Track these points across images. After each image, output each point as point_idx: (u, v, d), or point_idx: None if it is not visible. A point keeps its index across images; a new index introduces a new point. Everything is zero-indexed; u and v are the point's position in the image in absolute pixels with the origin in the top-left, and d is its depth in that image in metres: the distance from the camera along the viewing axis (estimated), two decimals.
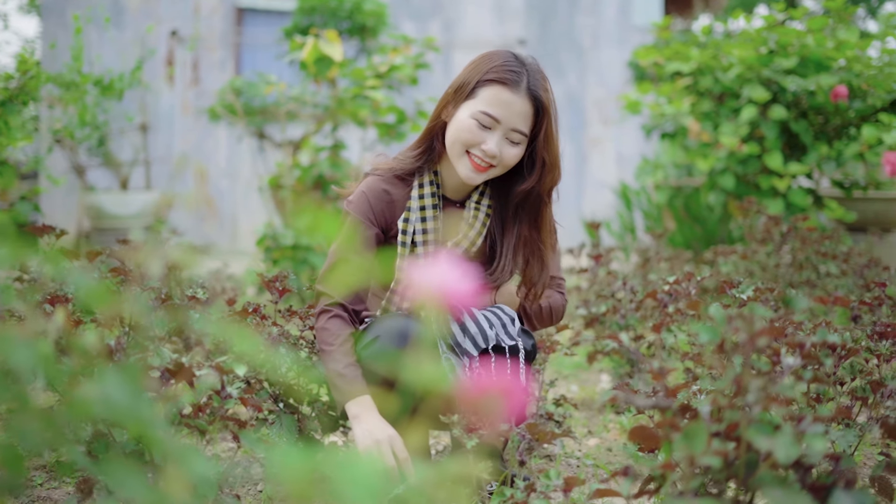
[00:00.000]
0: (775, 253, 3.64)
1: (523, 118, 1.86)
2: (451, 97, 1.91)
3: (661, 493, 1.31)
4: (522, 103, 1.85)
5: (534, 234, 1.98)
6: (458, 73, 1.96)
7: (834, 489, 1.19)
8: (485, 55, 1.91)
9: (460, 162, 1.89)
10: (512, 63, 1.87)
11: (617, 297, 2.81)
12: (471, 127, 1.85)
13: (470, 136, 1.85)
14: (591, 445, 2.44)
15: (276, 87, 4.60)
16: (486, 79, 1.85)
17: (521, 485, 1.61)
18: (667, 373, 1.35)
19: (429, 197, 1.96)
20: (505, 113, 1.84)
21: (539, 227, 1.98)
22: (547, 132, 1.89)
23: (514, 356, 1.91)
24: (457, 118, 1.88)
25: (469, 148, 1.87)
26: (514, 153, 1.88)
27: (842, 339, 1.71)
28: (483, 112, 1.84)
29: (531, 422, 1.72)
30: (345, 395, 1.84)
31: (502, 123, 1.84)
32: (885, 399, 1.71)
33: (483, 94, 1.85)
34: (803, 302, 1.28)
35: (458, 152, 1.88)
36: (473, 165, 1.87)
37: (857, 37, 4.84)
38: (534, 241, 1.98)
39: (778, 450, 1.12)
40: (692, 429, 1.19)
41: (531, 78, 1.87)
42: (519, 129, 1.86)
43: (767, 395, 1.18)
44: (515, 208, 1.98)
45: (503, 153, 1.86)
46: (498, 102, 1.84)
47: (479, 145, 1.85)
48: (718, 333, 1.24)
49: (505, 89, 1.84)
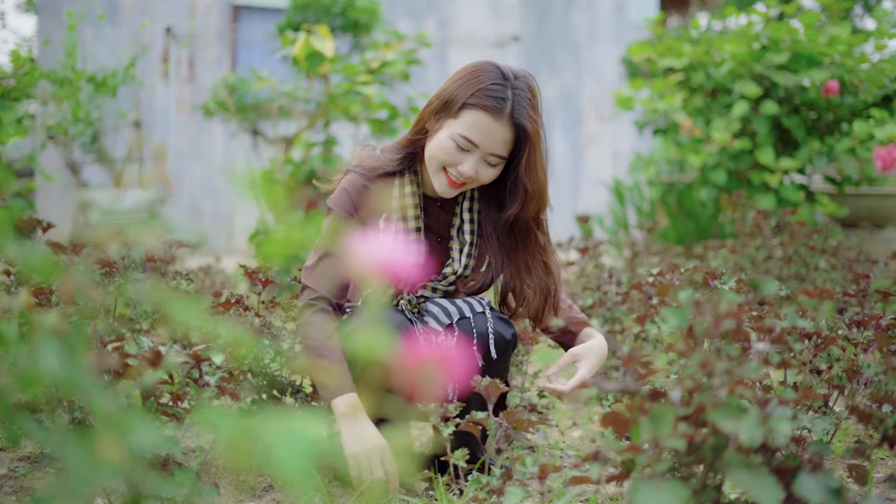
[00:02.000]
0: (764, 247, 3.64)
1: (502, 144, 1.87)
2: (435, 109, 1.91)
3: (631, 477, 1.32)
4: (503, 130, 1.85)
5: (528, 259, 2.01)
6: (449, 78, 1.95)
7: (799, 472, 1.20)
8: (473, 71, 1.89)
9: (436, 177, 1.92)
10: (498, 87, 1.85)
11: (603, 289, 2.82)
12: (449, 148, 1.86)
13: (447, 157, 1.87)
14: (575, 437, 2.44)
15: (268, 82, 4.61)
16: (470, 102, 1.85)
17: (497, 472, 1.61)
18: (637, 358, 1.36)
19: (409, 196, 1.98)
20: (484, 140, 1.85)
21: (531, 252, 2.01)
22: (529, 160, 1.89)
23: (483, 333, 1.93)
24: (437, 136, 1.89)
25: (446, 167, 1.89)
26: (491, 173, 1.91)
27: (816, 326, 1.72)
28: (462, 136, 1.85)
29: (510, 410, 1.73)
30: (331, 391, 1.84)
31: (480, 148, 1.86)
32: (862, 387, 1.72)
33: (465, 117, 1.85)
34: (772, 287, 1.29)
35: (435, 168, 1.91)
36: (449, 182, 1.90)
37: (848, 32, 4.84)
38: (529, 265, 2.00)
39: (742, 432, 1.13)
40: (659, 412, 1.20)
41: (516, 104, 1.86)
42: (497, 154, 1.88)
43: (733, 378, 1.19)
44: (509, 229, 2.01)
45: (479, 174, 1.89)
46: (478, 129, 1.84)
47: (456, 166, 1.87)
48: (686, 317, 1.25)
49: (487, 116, 1.84)
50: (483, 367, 1.92)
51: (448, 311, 1.95)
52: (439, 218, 2.04)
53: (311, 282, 1.94)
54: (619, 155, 9.08)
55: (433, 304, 1.97)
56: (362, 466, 1.76)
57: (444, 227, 2.05)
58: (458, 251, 2.02)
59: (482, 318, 1.95)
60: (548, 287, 2.00)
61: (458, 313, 1.94)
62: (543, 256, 2.02)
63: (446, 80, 1.94)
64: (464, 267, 2.02)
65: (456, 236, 2.03)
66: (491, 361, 1.96)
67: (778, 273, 3.61)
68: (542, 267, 2.01)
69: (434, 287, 2.02)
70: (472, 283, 2.03)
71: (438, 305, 1.96)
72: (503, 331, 1.95)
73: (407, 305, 2.01)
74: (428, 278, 2.01)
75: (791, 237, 3.70)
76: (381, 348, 0.64)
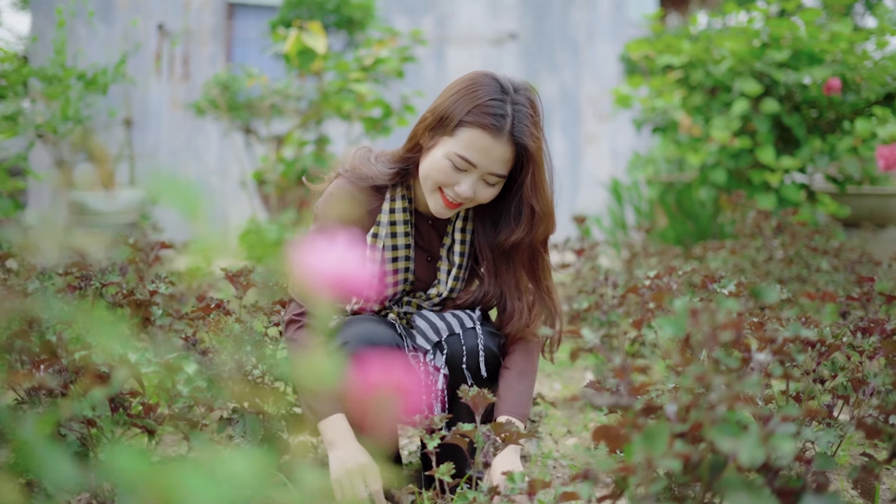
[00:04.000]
0: (765, 248, 3.56)
1: (502, 163, 1.76)
2: (429, 125, 1.79)
3: (624, 497, 1.24)
4: (503, 149, 1.74)
5: (533, 284, 1.90)
6: (443, 91, 1.82)
7: (804, 493, 1.12)
8: (470, 85, 1.76)
9: (431, 197, 1.80)
10: (497, 103, 1.73)
11: (599, 292, 2.73)
12: (445, 168, 1.75)
13: (443, 178, 1.76)
14: (569, 445, 2.36)
15: (258, 79, 4.52)
16: (467, 120, 1.72)
17: (484, 488, 1.53)
18: (630, 369, 1.28)
19: (400, 212, 1.88)
20: (483, 159, 1.74)
21: (537, 277, 1.90)
22: (535, 179, 1.79)
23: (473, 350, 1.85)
24: (432, 155, 1.77)
25: (442, 187, 1.78)
26: (490, 193, 1.80)
27: (820, 334, 1.64)
28: (459, 155, 1.73)
29: (498, 422, 1.64)
30: (318, 414, 1.76)
31: (479, 168, 1.75)
32: (868, 397, 1.64)
33: (462, 136, 1.73)
34: (773, 294, 1.20)
35: (430, 188, 1.80)
36: (445, 202, 1.79)
37: (850, 29, 4.76)
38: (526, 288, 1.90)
39: (742, 452, 1.05)
40: (653, 429, 1.12)
41: (517, 121, 1.74)
42: (496, 173, 1.76)
43: (732, 392, 1.11)
44: (508, 251, 1.89)
45: (478, 194, 1.78)
46: (476, 148, 1.73)
47: (453, 186, 1.76)
48: (682, 327, 1.17)
49: (485, 135, 1.72)
50: (471, 385, 1.85)
51: (437, 327, 1.86)
52: (430, 236, 1.95)
53: (298, 294, 1.85)
54: (618, 154, 8.99)
55: (421, 318, 1.89)
56: (345, 489, 1.69)
57: (436, 245, 1.96)
58: (445, 272, 1.93)
59: (472, 335, 1.87)
60: (552, 314, 1.91)
61: (448, 329, 1.86)
62: (548, 282, 1.91)
63: (441, 93, 1.81)
64: (450, 290, 1.93)
65: (446, 256, 1.94)
66: (481, 380, 1.88)
67: (779, 275, 3.53)
68: (546, 293, 1.90)
69: (419, 305, 1.94)
70: (462, 300, 1.95)
71: (426, 321, 1.88)
72: (494, 346, 1.88)
73: (396, 319, 1.93)
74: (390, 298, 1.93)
75: (792, 238, 3.62)
76: (331, 375, 0.57)
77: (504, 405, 1.86)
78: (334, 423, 1.75)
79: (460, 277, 1.95)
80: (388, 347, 1.83)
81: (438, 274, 1.94)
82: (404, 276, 1.92)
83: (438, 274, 1.94)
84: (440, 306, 1.94)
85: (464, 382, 1.86)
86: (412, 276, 1.93)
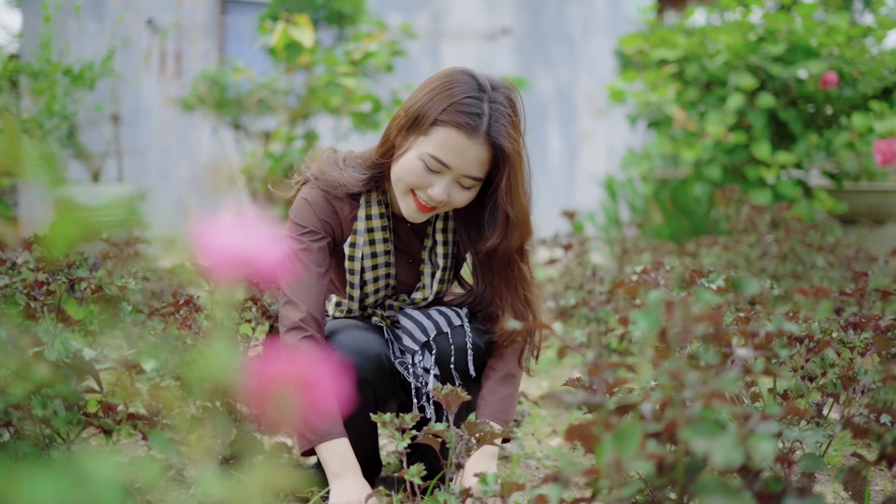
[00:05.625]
0: (758, 244, 3.49)
1: (478, 165, 1.66)
2: (402, 125, 1.68)
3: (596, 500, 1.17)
4: (478, 150, 1.64)
5: (507, 293, 1.80)
6: (418, 88, 1.72)
7: (785, 496, 1.05)
8: (445, 82, 1.66)
9: (404, 199, 1.71)
10: (473, 101, 1.63)
11: (587, 288, 2.67)
12: (417, 170, 1.65)
13: (416, 180, 1.66)
14: (553, 445, 2.30)
15: (245, 73, 4.45)
16: (442, 119, 1.62)
17: (455, 490, 1.47)
18: (605, 366, 1.21)
19: (377, 218, 1.79)
20: (457, 161, 1.63)
21: (512, 286, 1.79)
22: (511, 182, 1.67)
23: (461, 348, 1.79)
24: (405, 156, 1.67)
25: (414, 189, 1.69)
26: (465, 197, 1.69)
27: (808, 329, 1.57)
28: (432, 156, 1.63)
29: (473, 421, 1.57)
30: (318, 434, 1.66)
31: (453, 170, 1.65)
32: (858, 395, 1.57)
33: (435, 135, 1.63)
34: (753, 286, 1.13)
35: (402, 191, 1.70)
36: (418, 206, 1.69)
37: (847, 23, 4.69)
38: (506, 300, 1.80)
39: (717, 452, 0.98)
40: (624, 429, 1.05)
41: (494, 121, 1.64)
42: (472, 176, 1.66)
43: (709, 390, 1.04)
44: (487, 257, 1.79)
45: (452, 197, 1.68)
46: (450, 148, 1.62)
47: (426, 189, 1.66)
48: (657, 320, 1.09)
49: (460, 135, 1.62)
50: (461, 385, 1.78)
51: (424, 326, 1.79)
52: (410, 239, 1.87)
53: (295, 296, 1.74)
54: (614, 151, 8.92)
55: (406, 317, 1.82)
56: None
57: (416, 248, 1.87)
58: (429, 275, 1.85)
59: (460, 332, 1.79)
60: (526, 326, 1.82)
61: (435, 328, 1.78)
62: (526, 292, 1.81)
63: (415, 91, 1.71)
64: (435, 293, 1.86)
65: (428, 259, 1.86)
66: (470, 380, 1.81)
67: (773, 271, 3.46)
68: (524, 303, 1.80)
69: (402, 308, 1.87)
70: (450, 302, 1.88)
71: (412, 320, 1.81)
72: (483, 344, 1.81)
73: (381, 321, 1.86)
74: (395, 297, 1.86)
75: (787, 234, 3.55)
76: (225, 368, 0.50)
77: (487, 408, 1.79)
78: (337, 451, 1.66)
79: (445, 280, 1.88)
80: (376, 354, 1.75)
81: (422, 277, 1.87)
82: (385, 281, 1.85)
83: (422, 277, 1.87)
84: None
85: (452, 383, 1.79)
86: (394, 280, 1.86)
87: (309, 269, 1.74)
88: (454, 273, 1.92)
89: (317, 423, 1.67)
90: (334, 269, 1.88)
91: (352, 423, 1.76)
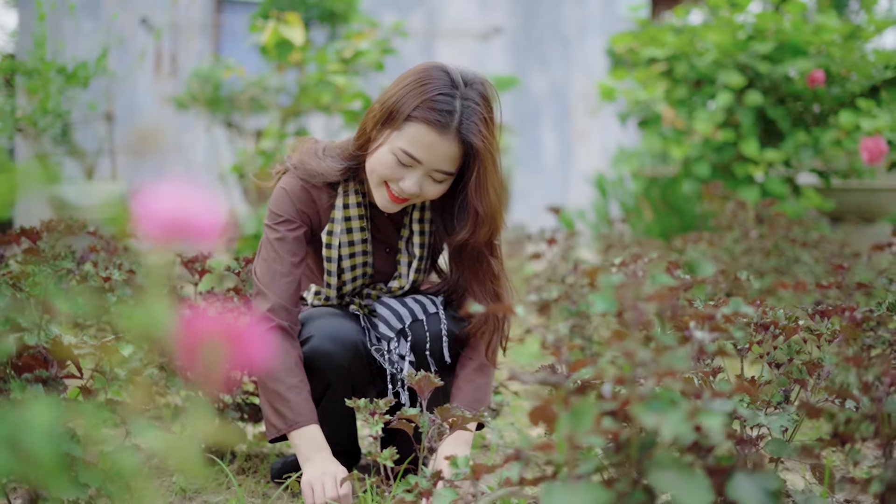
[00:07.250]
0: (742, 239, 3.53)
1: (448, 161, 1.70)
2: (377, 119, 1.72)
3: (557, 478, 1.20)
4: (449, 147, 1.68)
5: (476, 287, 1.83)
6: (393, 82, 1.76)
7: (735, 472, 1.08)
8: (420, 78, 1.69)
9: (377, 191, 1.75)
10: (445, 98, 1.67)
11: (567, 281, 2.70)
12: (389, 163, 1.70)
13: (388, 172, 1.71)
14: (534, 435, 2.33)
15: (236, 71, 4.48)
16: (414, 115, 1.66)
17: (427, 473, 1.50)
18: (567, 348, 1.24)
19: (354, 207, 1.83)
20: (427, 156, 1.68)
21: (481, 280, 1.83)
22: (480, 179, 1.71)
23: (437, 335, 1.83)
24: (379, 150, 1.72)
25: (387, 181, 1.73)
26: (437, 190, 1.74)
27: (774, 316, 1.61)
28: (404, 151, 1.68)
29: (445, 406, 1.61)
30: (287, 422, 1.70)
31: (424, 164, 1.69)
32: (822, 381, 1.60)
33: (408, 131, 1.67)
34: (709, 269, 1.17)
35: (376, 182, 1.74)
36: (390, 197, 1.74)
37: (836, 21, 4.72)
38: (477, 294, 1.83)
39: (665, 427, 1.01)
40: (578, 406, 1.08)
41: (465, 118, 1.68)
42: (443, 171, 1.71)
43: (661, 367, 1.07)
44: (459, 250, 1.84)
45: (424, 190, 1.72)
46: (421, 144, 1.67)
47: (398, 182, 1.71)
48: (611, 302, 1.13)
49: (431, 131, 1.66)
50: (436, 371, 1.82)
51: (399, 314, 1.83)
52: (388, 229, 1.91)
53: (266, 286, 1.77)
54: (608, 150, 8.96)
55: (382, 305, 1.86)
56: (315, 490, 1.64)
57: (393, 238, 1.91)
58: (406, 265, 1.89)
59: (435, 320, 1.84)
60: (494, 321, 1.83)
61: (410, 316, 1.83)
62: (495, 285, 1.84)
63: (391, 85, 1.75)
64: (412, 283, 1.90)
65: (405, 248, 1.90)
66: (444, 365, 1.85)
67: (758, 266, 3.49)
68: (492, 297, 1.84)
69: (379, 296, 1.91)
70: (425, 287, 1.92)
71: (388, 308, 1.85)
72: (457, 330, 1.85)
73: (358, 309, 1.90)
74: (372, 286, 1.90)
75: (771, 229, 3.58)
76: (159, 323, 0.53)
77: (463, 398, 1.82)
78: (308, 436, 1.69)
79: (422, 269, 1.91)
80: (352, 341, 1.79)
81: (399, 267, 1.91)
82: (363, 269, 1.89)
83: (399, 267, 1.91)
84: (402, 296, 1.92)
85: (427, 369, 1.82)
86: (371, 269, 1.90)
87: (282, 258, 1.77)
88: (431, 262, 1.96)
89: (286, 411, 1.70)
90: (312, 258, 1.92)
91: (329, 411, 1.80)
